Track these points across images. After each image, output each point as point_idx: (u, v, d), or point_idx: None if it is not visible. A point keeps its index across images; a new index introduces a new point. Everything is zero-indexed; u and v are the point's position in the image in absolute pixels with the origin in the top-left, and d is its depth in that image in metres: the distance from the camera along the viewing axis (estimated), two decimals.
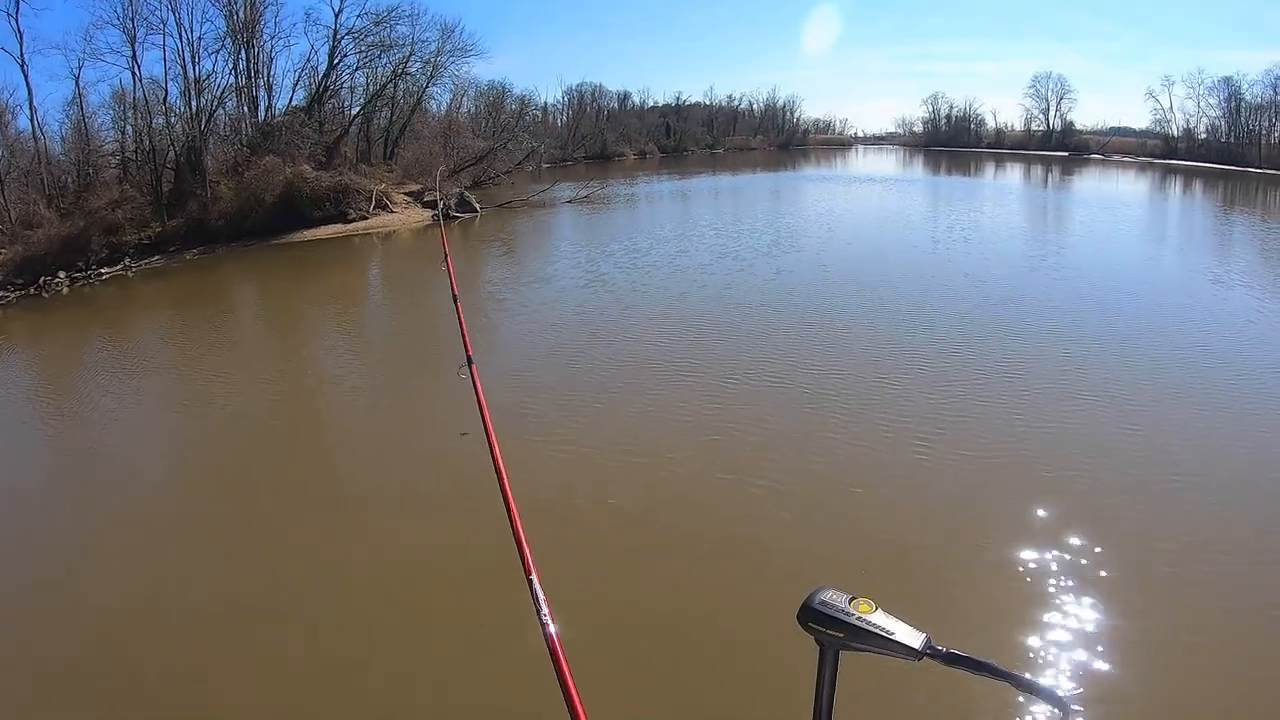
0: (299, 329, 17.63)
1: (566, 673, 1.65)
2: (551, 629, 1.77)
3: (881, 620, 1.41)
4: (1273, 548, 6.71)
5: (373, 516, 7.91)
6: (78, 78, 30.38)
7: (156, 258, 26.61)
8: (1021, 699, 4.82)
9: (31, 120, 28.60)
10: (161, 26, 32.08)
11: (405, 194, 35.45)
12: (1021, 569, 6.43)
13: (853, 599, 1.44)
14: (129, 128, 31.44)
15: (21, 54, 28.19)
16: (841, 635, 1.42)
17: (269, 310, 20.38)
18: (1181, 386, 10.63)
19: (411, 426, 10.49)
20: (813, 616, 1.44)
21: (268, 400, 12.07)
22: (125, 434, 11.17)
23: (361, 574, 6.85)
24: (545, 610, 1.84)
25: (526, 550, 2.05)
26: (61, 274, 23.61)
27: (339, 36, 37.97)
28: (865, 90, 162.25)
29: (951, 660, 1.39)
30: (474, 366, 3.59)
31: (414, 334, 16.06)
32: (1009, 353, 12.15)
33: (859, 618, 1.41)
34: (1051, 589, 6.15)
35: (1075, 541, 6.70)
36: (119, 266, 25.23)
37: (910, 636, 1.39)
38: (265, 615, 6.37)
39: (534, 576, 1.97)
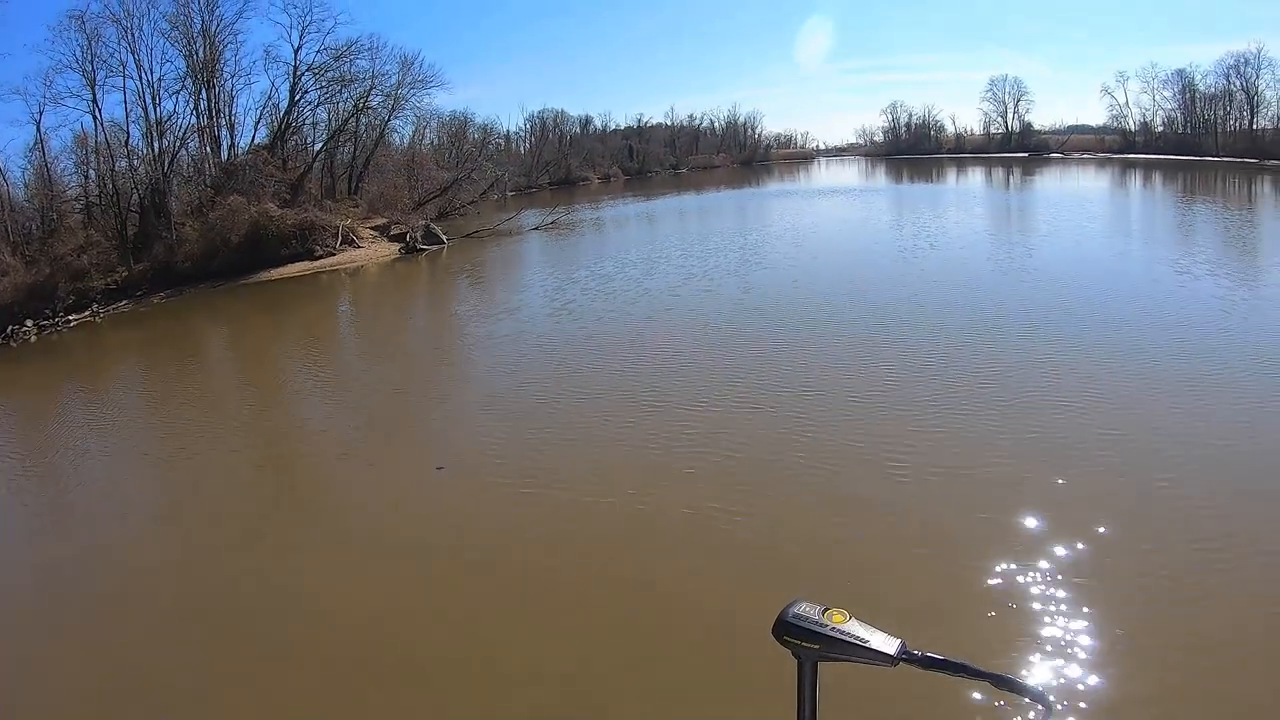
0: (271, 371, 17.87)
1: None
2: None
3: (856, 629, 1.42)
4: (1262, 548, 6.69)
5: (354, 554, 8.17)
6: (39, 123, 30.60)
7: (124, 302, 26.78)
8: (1014, 703, 4.94)
9: None
10: (121, 69, 32.46)
11: (371, 228, 35.78)
12: (1004, 575, 6.49)
13: (826, 610, 1.46)
14: (92, 172, 31.65)
15: None
16: (817, 647, 1.43)
17: (240, 354, 20.66)
18: (1161, 385, 10.65)
19: (387, 464, 10.75)
20: (787, 630, 1.45)
21: (243, 446, 12.34)
22: (98, 486, 11.34)
23: (346, 602, 7.19)
24: None
25: None
26: (29, 323, 23.73)
27: (299, 73, 38.46)
28: (825, 103, 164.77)
29: (928, 664, 1.41)
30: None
31: (385, 371, 16.28)
32: (984, 359, 12.18)
33: (833, 628, 1.42)
34: (1034, 592, 6.26)
35: (1057, 547, 6.78)
36: (87, 313, 25.36)
37: (885, 643, 1.41)
38: (251, 658, 6.64)
39: None
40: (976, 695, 5.05)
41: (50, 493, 11.54)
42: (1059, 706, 5.03)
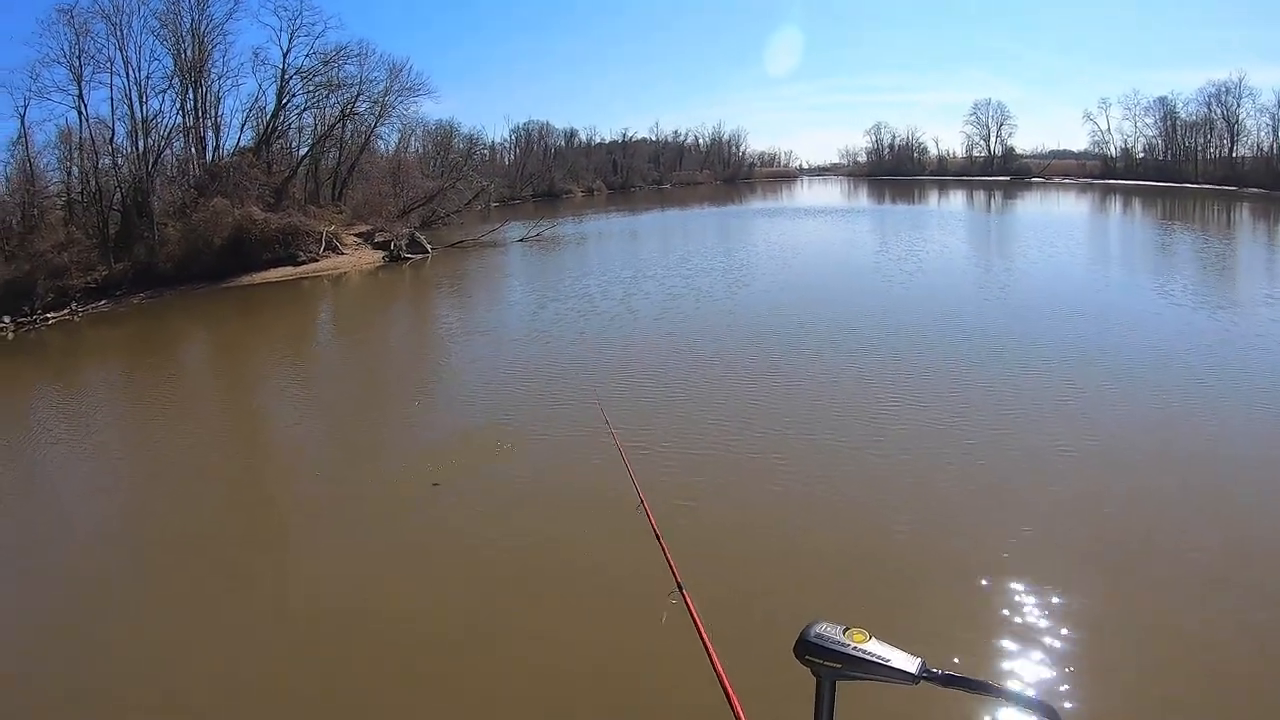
0: (250, 379, 17.87)
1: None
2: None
3: (876, 648, 1.45)
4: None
5: (346, 574, 8.03)
6: (23, 116, 30.53)
7: (103, 302, 26.71)
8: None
9: None
10: (109, 65, 32.34)
11: (355, 235, 35.84)
12: (1014, 598, 6.58)
13: (847, 629, 1.48)
14: (75, 168, 31.50)
15: None
16: (838, 665, 1.46)
17: (218, 359, 20.66)
18: (1169, 420, 10.51)
19: (378, 479, 10.59)
20: (809, 649, 1.48)
21: (222, 456, 12.31)
22: (68, 493, 11.15)
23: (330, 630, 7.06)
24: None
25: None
26: (6, 318, 23.68)
27: (287, 76, 38.60)
28: (809, 121, 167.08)
29: (948, 682, 1.43)
30: (686, 593, 3.35)
31: (370, 382, 16.39)
32: (986, 395, 11.84)
33: (855, 647, 1.45)
34: (1042, 614, 6.33)
35: (1063, 574, 6.84)
36: (65, 311, 25.32)
37: (906, 662, 1.43)
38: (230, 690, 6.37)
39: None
40: (993, 715, 5.12)
41: (14, 494, 11.31)
42: None
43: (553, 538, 8.28)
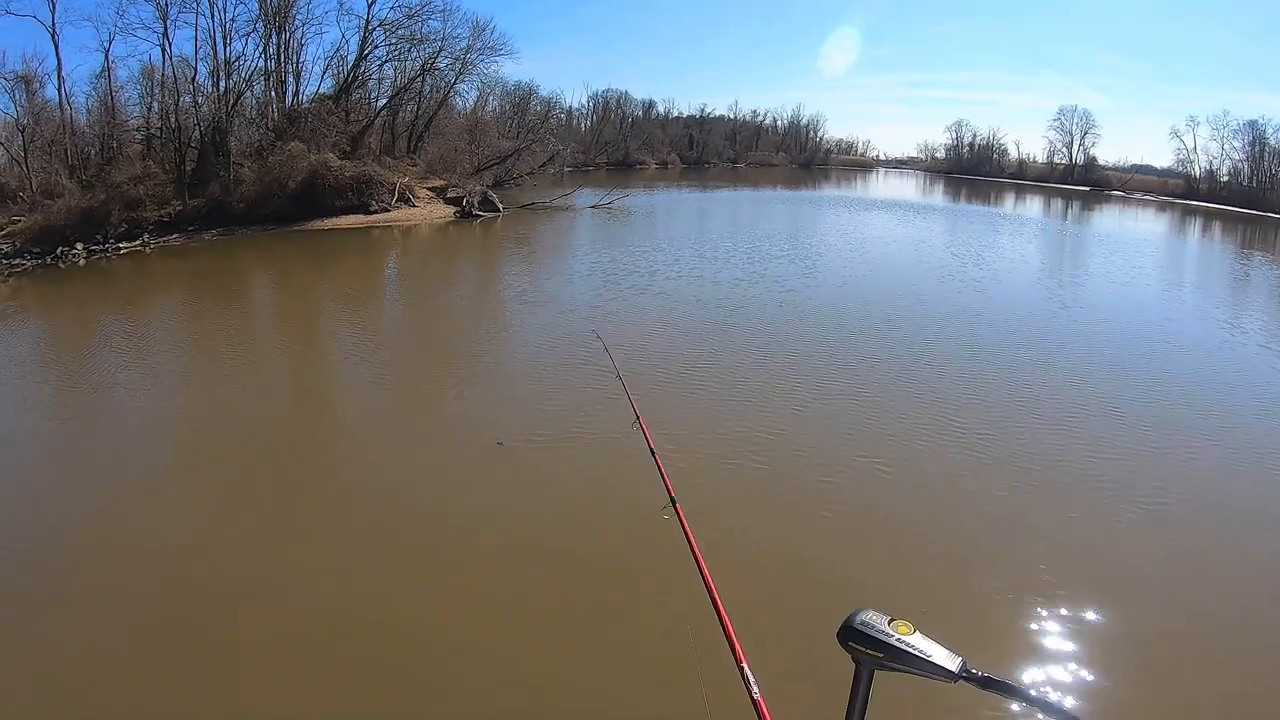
0: (312, 322, 17.21)
1: None
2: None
3: (919, 642, 1.43)
4: None
5: (398, 534, 7.48)
6: (108, 51, 30.53)
7: (175, 236, 26.44)
8: None
9: (59, 90, 28.70)
10: (195, 6, 32.09)
11: (428, 189, 35.24)
12: (1070, 608, 6.33)
13: (892, 620, 1.47)
14: (155, 104, 31.45)
15: (53, 23, 28.27)
16: (880, 655, 1.44)
17: (284, 300, 19.97)
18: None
19: (437, 436, 9.97)
20: (853, 636, 1.46)
21: (278, 398, 11.71)
22: (123, 423, 10.54)
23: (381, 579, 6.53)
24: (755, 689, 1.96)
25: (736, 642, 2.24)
26: (79, 246, 23.46)
27: (371, 27, 38.08)
28: (888, 113, 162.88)
29: (986, 684, 1.41)
30: (679, 507, 3.31)
31: (433, 335, 15.76)
32: (1076, 427, 10.67)
33: (898, 639, 1.43)
34: (1093, 632, 6.07)
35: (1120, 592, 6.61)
36: (137, 242, 25.03)
37: (947, 659, 1.41)
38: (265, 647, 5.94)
39: (745, 665, 2.11)
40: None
41: (63, 419, 10.84)
42: None
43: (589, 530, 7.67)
